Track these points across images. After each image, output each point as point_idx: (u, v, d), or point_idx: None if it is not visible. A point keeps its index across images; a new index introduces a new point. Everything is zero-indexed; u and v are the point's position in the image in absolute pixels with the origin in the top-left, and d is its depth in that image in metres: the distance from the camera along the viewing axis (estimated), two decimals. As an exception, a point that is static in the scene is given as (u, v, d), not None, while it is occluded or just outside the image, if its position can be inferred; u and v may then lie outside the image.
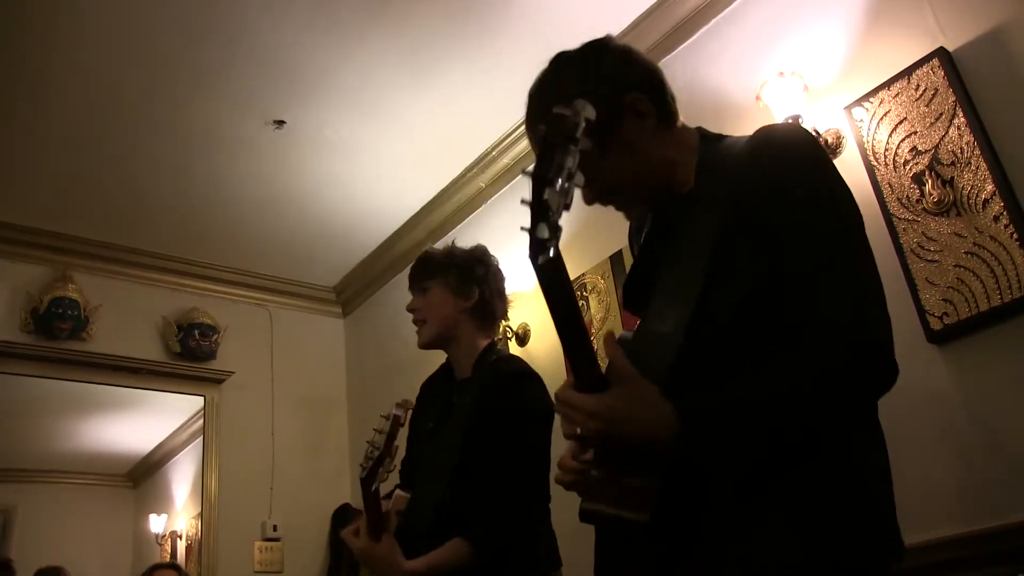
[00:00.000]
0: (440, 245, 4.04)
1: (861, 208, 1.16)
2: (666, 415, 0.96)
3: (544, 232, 0.81)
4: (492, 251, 2.08)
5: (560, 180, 0.81)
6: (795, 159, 1.10)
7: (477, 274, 1.99)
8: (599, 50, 1.24)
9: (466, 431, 1.84)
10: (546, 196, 0.80)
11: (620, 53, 1.25)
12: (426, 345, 2.01)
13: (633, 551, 1.07)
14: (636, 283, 1.24)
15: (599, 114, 1.13)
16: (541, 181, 0.82)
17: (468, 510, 1.76)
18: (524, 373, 1.92)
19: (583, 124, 0.83)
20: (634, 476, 0.98)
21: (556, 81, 1.24)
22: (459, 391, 1.97)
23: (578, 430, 0.99)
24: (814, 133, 2.58)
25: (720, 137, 1.23)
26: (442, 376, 2.09)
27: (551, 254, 0.83)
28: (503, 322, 2.92)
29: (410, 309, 2.01)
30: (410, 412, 1.90)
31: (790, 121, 2.60)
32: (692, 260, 1.12)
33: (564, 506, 1.32)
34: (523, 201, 0.82)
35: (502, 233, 3.86)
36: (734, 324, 1.04)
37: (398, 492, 1.93)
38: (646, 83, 1.22)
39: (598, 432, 0.97)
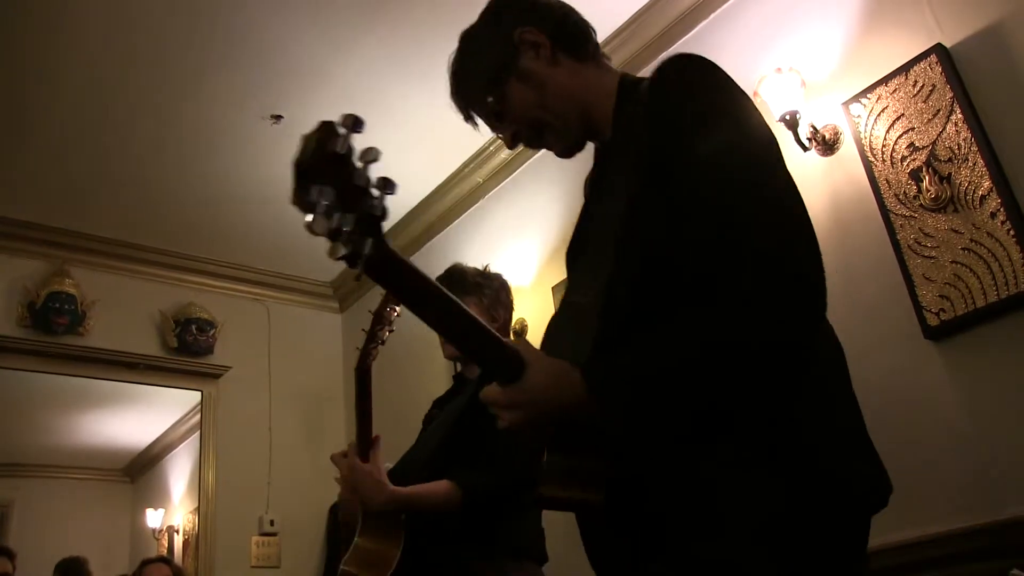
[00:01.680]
0: (437, 242, 4.04)
1: (858, 205, 1.16)
2: (576, 385, 0.93)
3: (339, 251, 0.77)
4: (490, 245, 2.13)
5: (322, 202, 0.76)
6: (683, 85, 1.02)
7: (503, 299, 2.10)
8: (502, 3, 1.26)
9: (464, 407, 1.89)
10: (311, 224, 0.76)
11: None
12: (453, 357, 2.10)
13: (607, 537, 1.04)
14: (573, 252, 1.23)
15: (496, 56, 1.18)
16: (302, 209, 0.78)
17: (457, 465, 1.80)
18: None
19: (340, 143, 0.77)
20: (585, 458, 0.96)
21: (466, 37, 1.27)
22: (466, 384, 2.04)
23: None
24: (811, 129, 2.58)
25: (640, 81, 1.17)
26: (454, 384, 2.18)
27: (362, 265, 0.79)
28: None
29: None
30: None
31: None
32: (606, 221, 1.09)
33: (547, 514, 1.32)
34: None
35: (500, 227, 3.87)
36: (652, 283, 0.97)
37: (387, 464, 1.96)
38: (537, 15, 1.21)
39: (521, 422, 0.96)
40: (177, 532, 4.47)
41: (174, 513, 4.56)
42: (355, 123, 0.77)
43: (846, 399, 0.99)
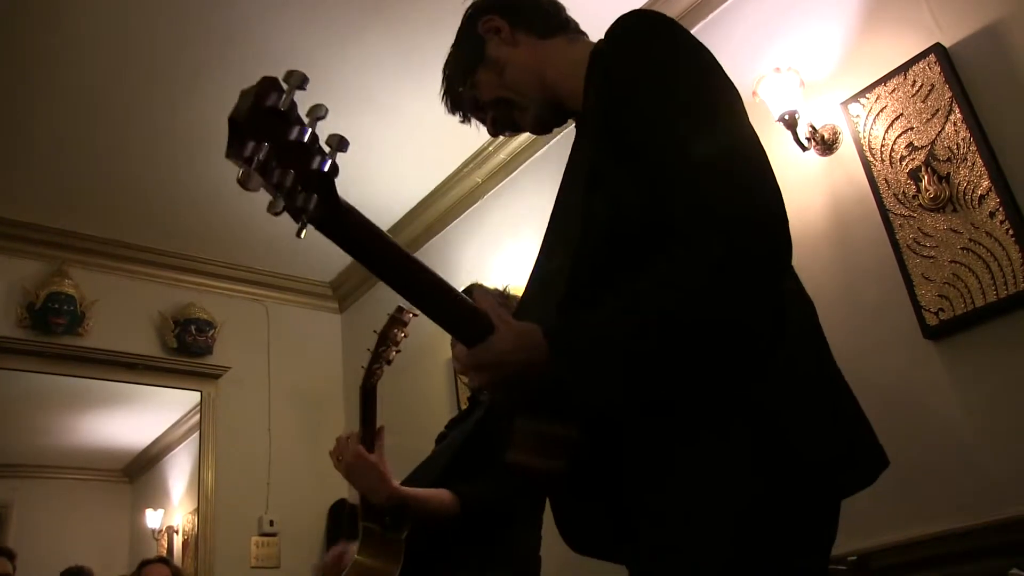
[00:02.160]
0: (437, 242, 4.04)
1: (857, 204, 1.16)
2: (540, 345, 0.92)
3: (278, 206, 0.76)
4: (489, 245, 2.13)
5: (256, 158, 0.75)
6: (631, 38, 1.03)
7: None
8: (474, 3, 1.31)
9: (473, 428, 1.90)
10: (241, 179, 0.75)
11: None
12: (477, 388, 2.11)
13: (575, 505, 1.03)
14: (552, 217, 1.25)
15: (467, 51, 1.25)
16: (236, 163, 0.77)
17: (462, 480, 1.80)
18: None
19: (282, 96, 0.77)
20: (551, 424, 0.94)
21: (446, 64, 1.34)
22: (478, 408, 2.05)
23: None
24: (810, 129, 2.58)
25: None
26: (469, 407, 2.19)
27: (305, 220, 0.77)
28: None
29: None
30: (412, 316, 1.93)
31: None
32: (574, 186, 1.10)
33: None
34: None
35: (499, 227, 3.87)
36: (615, 247, 0.96)
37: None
38: (498, 2, 1.27)
39: (488, 383, 0.95)
40: (177, 533, 4.47)
41: (173, 514, 4.55)
42: (301, 80, 0.77)
43: (821, 370, 0.96)
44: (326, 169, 0.77)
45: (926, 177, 2.30)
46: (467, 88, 1.27)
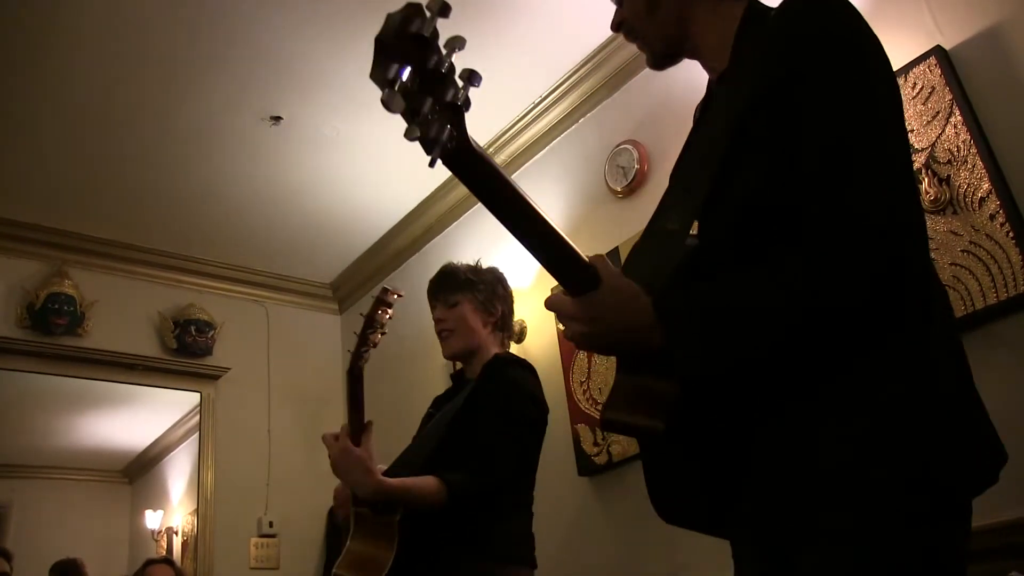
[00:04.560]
0: (437, 243, 4.05)
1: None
2: (645, 313, 0.91)
3: (414, 132, 0.74)
4: (489, 247, 2.14)
5: (400, 79, 0.75)
6: (822, 26, 0.97)
7: (499, 293, 2.11)
8: None
9: (460, 408, 1.90)
10: (385, 100, 0.74)
11: None
12: (453, 356, 2.11)
13: (674, 471, 1.02)
14: (675, 172, 1.21)
15: None
16: (379, 84, 0.76)
17: (450, 466, 1.80)
18: (516, 360, 2.02)
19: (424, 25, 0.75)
20: (654, 381, 0.93)
21: None
22: (465, 386, 2.05)
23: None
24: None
25: (767, 11, 1.12)
26: (453, 383, 2.19)
27: (438, 151, 0.76)
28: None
29: (438, 319, 2.10)
30: (396, 296, 1.96)
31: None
32: (706, 150, 1.06)
33: (555, 508, 1.31)
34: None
35: (499, 228, 3.85)
36: (745, 220, 0.96)
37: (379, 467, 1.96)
38: None
39: (581, 334, 0.95)
40: (176, 533, 4.46)
41: (173, 514, 4.55)
42: (442, 8, 0.75)
43: (953, 355, 0.95)
44: (460, 102, 0.76)
45: (926, 179, 2.30)
46: None
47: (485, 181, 0.86)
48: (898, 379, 0.88)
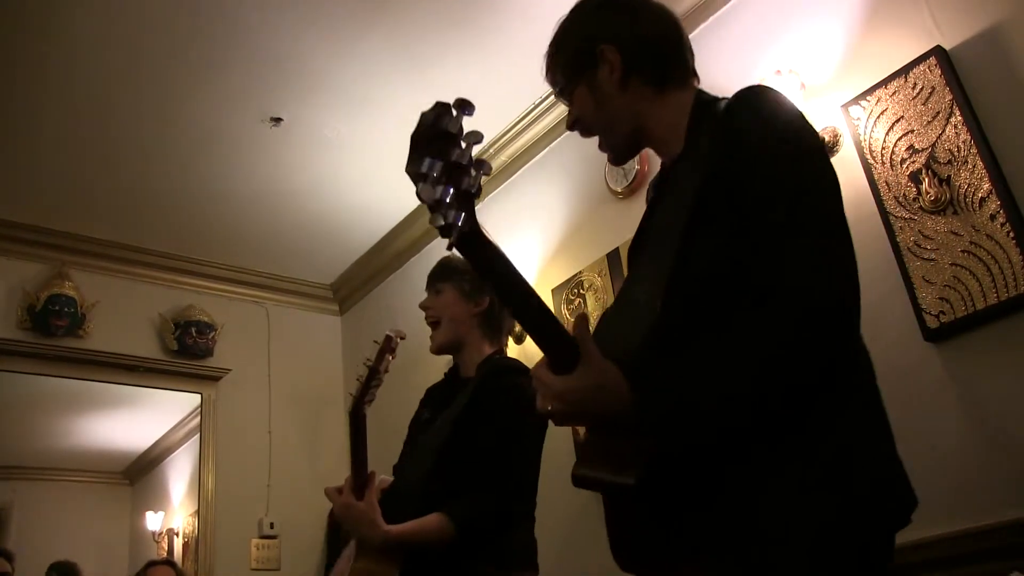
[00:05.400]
0: (437, 244, 3.98)
1: (858, 207, 1.18)
2: (624, 396, 0.96)
3: (439, 220, 0.84)
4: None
5: (432, 174, 0.85)
6: (762, 112, 1.09)
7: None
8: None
9: (458, 419, 1.87)
10: (420, 192, 0.85)
11: (626, 4, 1.29)
12: (439, 350, 2.07)
13: (637, 523, 1.06)
14: (635, 248, 1.29)
15: (576, 58, 1.25)
16: (413, 178, 0.86)
17: (451, 489, 1.78)
18: (517, 368, 1.97)
19: (453, 124, 0.87)
20: (623, 441, 0.98)
21: (561, 29, 1.32)
22: (461, 388, 2.01)
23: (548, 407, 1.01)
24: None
25: (716, 99, 1.22)
26: (447, 379, 2.14)
27: (456, 236, 0.86)
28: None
29: (423, 307, 2.09)
30: (400, 339, 1.96)
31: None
32: (670, 225, 1.13)
33: (556, 513, 1.30)
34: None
35: (499, 229, 3.87)
36: (708, 290, 1.03)
37: (381, 477, 1.95)
38: (626, 34, 1.25)
39: (561, 413, 1.00)
40: (177, 535, 4.47)
41: (174, 516, 4.55)
42: (465, 106, 0.87)
43: (881, 413, 1.05)
44: (474, 191, 0.86)
45: (926, 180, 2.30)
46: (562, 91, 1.30)
47: (491, 262, 0.93)
48: (839, 434, 0.97)
